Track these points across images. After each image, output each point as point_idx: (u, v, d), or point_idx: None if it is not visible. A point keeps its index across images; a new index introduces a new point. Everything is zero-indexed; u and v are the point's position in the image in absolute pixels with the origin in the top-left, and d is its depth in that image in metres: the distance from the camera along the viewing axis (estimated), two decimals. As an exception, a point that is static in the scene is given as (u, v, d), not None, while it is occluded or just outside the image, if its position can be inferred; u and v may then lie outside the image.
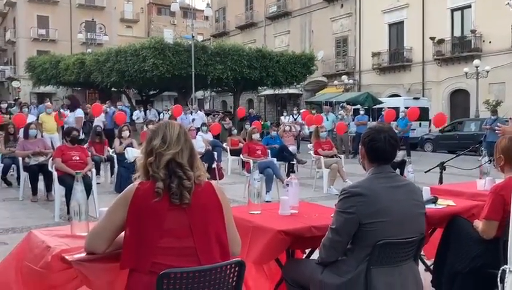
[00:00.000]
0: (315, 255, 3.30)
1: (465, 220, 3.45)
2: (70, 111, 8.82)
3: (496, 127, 4.00)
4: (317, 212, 3.25)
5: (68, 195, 6.66)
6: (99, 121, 15.75)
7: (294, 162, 10.68)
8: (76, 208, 2.66)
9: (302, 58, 27.25)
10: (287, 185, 3.35)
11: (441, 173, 4.76)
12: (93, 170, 7.25)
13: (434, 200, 3.70)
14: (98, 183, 7.91)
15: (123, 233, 2.16)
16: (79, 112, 8.82)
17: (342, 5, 33.12)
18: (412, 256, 2.62)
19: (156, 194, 2.07)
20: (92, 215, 6.72)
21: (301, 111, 19.49)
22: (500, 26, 23.33)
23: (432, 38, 26.82)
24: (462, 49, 25.80)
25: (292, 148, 12.36)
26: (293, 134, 13.68)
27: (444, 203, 3.69)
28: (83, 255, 2.24)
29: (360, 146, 2.76)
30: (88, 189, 6.75)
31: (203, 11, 43.28)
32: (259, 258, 2.87)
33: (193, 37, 23.83)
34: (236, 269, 2.15)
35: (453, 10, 26.60)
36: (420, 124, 21.32)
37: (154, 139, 2.20)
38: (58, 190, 6.80)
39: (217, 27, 45.97)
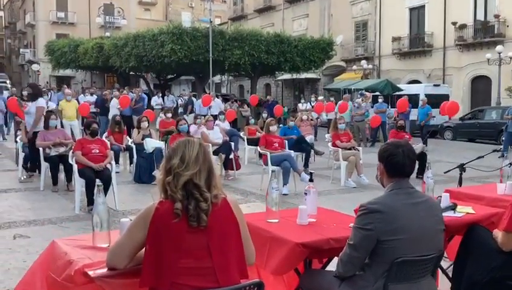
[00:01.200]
0: (332, 265, 3.32)
1: (484, 229, 3.42)
2: (32, 100, 8.82)
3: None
4: (336, 221, 3.26)
5: (88, 188, 6.77)
6: (114, 108, 15.91)
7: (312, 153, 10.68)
8: (97, 220, 2.70)
9: (321, 43, 27.06)
10: (305, 193, 3.36)
11: (461, 174, 4.72)
12: (113, 162, 7.33)
13: (453, 207, 3.67)
14: (117, 173, 8.01)
15: (143, 249, 2.20)
16: (40, 102, 8.83)
17: (362, -12, 32.62)
18: (430, 272, 2.62)
19: (174, 215, 2.10)
20: (111, 207, 6.88)
21: (319, 98, 19.38)
22: (525, 11, 22.80)
23: (454, 23, 26.32)
24: (485, 35, 25.29)
25: (310, 137, 12.32)
26: (311, 123, 13.59)
27: (463, 210, 3.66)
28: (105, 270, 2.29)
29: (378, 163, 2.76)
30: (108, 182, 6.86)
31: (221, -7, 43.22)
32: (278, 269, 2.90)
33: (211, 22, 23.76)
34: (255, 289, 2.18)
35: (476, -6, 26.03)
36: (439, 111, 21.05)
37: (173, 158, 2.21)
38: (78, 182, 6.90)
39: (235, 10, 45.66)
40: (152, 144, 9.23)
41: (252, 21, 41.21)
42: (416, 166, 9.91)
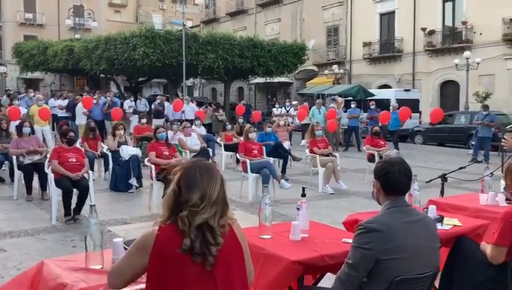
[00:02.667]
0: (324, 281, 3.32)
1: (472, 242, 3.48)
2: None
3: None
4: (328, 237, 3.25)
5: (65, 198, 6.61)
6: (80, 113, 15.63)
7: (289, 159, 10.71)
8: (90, 241, 2.62)
9: (294, 47, 27.19)
10: (298, 209, 3.34)
11: (443, 184, 4.78)
12: (90, 172, 7.17)
13: (440, 219, 3.71)
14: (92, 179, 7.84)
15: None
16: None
17: (334, -6, 32.97)
18: (426, 288, 2.64)
19: (181, 249, 2.00)
20: (86, 216, 6.72)
21: (293, 103, 19.44)
22: (491, 17, 23.43)
23: (423, 29, 26.86)
24: (453, 41, 25.89)
25: (286, 143, 12.35)
26: (287, 129, 13.63)
27: (450, 222, 3.70)
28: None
29: (373, 180, 2.76)
30: (85, 191, 6.71)
31: (192, -4, 42.96)
32: (271, 287, 2.86)
33: (184, 25, 23.59)
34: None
35: (444, 1, 26.61)
36: (411, 116, 21.38)
37: (193, 191, 2.03)
38: (55, 192, 6.72)
39: (207, 13, 45.51)
40: (128, 151, 9.07)
41: (224, 24, 41.15)
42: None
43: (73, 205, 6.70)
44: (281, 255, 2.86)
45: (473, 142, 15.99)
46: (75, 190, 6.67)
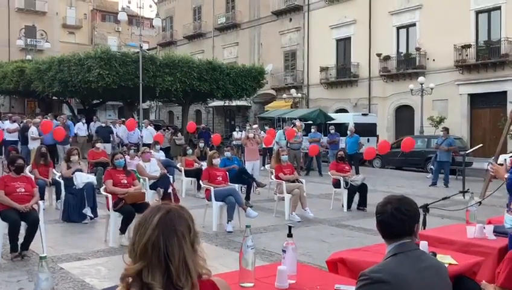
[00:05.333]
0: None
1: (473, 282, 3.17)
2: None
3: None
4: (319, 282, 2.85)
5: (12, 232, 5.95)
6: (33, 138, 14.85)
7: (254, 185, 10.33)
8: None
9: (253, 71, 27.13)
10: (283, 251, 2.93)
11: (425, 215, 4.47)
12: (40, 203, 6.53)
13: (433, 256, 3.40)
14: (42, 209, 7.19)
15: None
16: None
17: (291, 19, 33.27)
18: None
19: None
20: (35, 252, 6.09)
21: (254, 126, 19.09)
22: (443, 44, 24.10)
23: (378, 55, 27.36)
24: (407, 66, 26.45)
25: (257, 163, 11.96)
26: (257, 141, 13.16)
27: (444, 261, 3.39)
28: None
29: None
30: (35, 224, 6.08)
31: (149, 18, 42.46)
32: None
33: (141, 47, 23.03)
34: None
35: (398, 28, 27.25)
36: (368, 139, 21.52)
37: (131, 240, 1.70)
38: (0, 225, 6.04)
39: (164, 36, 45.07)
40: (82, 178, 8.44)
41: (182, 47, 40.81)
42: (357, 197, 9.97)
43: (20, 240, 6.04)
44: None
45: (431, 166, 16.11)
46: (23, 223, 6.02)
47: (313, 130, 17.82)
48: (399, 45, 27.27)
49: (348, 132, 17.23)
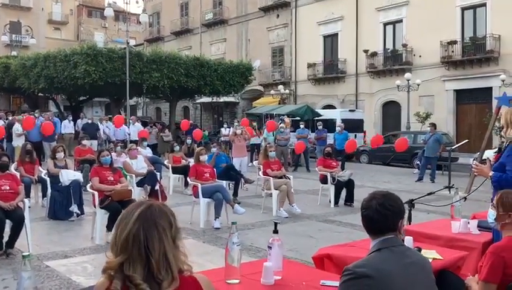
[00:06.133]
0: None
1: (457, 277, 3.20)
2: None
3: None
4: (305, 278, 2.85)
5: (-4, 231, 5.88)
6: (17, 135, 14.69)
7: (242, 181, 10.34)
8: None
9: (240, 67, 27.09)
10: (269, 247, 2.93)
11: (410, 210, 4.52)
12: (26, 200, 6.46)
13: (418, 251, 3.42)
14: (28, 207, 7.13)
15: None
16: None
17: (278, 16, 33.26)
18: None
19: None
20: (21, 250, 6.02)
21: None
22: (430, 41, 24.25)
23: (365, 51, 27.46)
24: (394, 62, 26.58)
25: (245, 159, 11.94)
26: (245, 138, 13.15)
27: (429, 255, 3.40)
28: None
29: None
30: (20, 222, 6.02)
31: (135, 14, 42.13)
32: None
33: (128, 43, 22.86)
34: None
35: (385, 24, 27.37)
36: (356, 135, 21.59)
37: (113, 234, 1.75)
38: (-17, 224, 5.96)
39: (151, 32, 44.83)
40: (69, 176, 8.37)
41: (169, 43, 40.60)
42: (344, 193, 10.02)
43: (5, 238, 5.98)
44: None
45: (418, 162, 16.22)
46: (8, 221, 5.96)
47: (301, 126, 17.84)
48: (386, 41, 27.40)
49: (338, 128, 17.24)
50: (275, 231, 2.97)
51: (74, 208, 8.12)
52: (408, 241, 3.50)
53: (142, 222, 1.67)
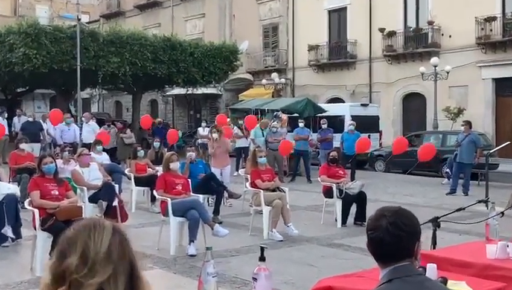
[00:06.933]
0: None
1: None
2: None
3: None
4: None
5: None
6: None
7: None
8: None
9: (223, 50, 27.18)
10: (254, 279, 2.93)
11: (435, 231, 4.54)
12: None
13: (443, 282, 3.45)
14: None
15: None
16: None
17: (271, -16, 33.44)
18: None
19: None
20: None
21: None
22: (462, 17, 24.41)
23: (381, 30, 27.57)
24: (418, 44, 26.74)
25: (227, 169, 11.91)
26: (227, 148, 13.08)
27: (456, 288, 3.45)
28: None
29: None
30: None
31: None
32: None
33: (79, 20, 22.89)
34: None
35: (406, -3, 27.56)
36: (369, 136, 21.68)
37: (69, 254, 1.71)
38: None
39: (109, 5, 44.86)
40: (2, 189, 8.34)
41: (132, 20, 40.54)
42: (354, 209, 10.05)
43: None
44: None
45: (448, 170, 16.32)
46: None
47: (300, 124, 17.87)
48: (407, 17, 27.62)
49: (351, 126, 17.19)
50: (262, 258, 2.98)
51: (8, 230, 8.07)
52: (431, 269, 3.53)
53: (119, 235, 1.75)
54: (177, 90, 33.10)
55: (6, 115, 20.07)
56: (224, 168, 11.98)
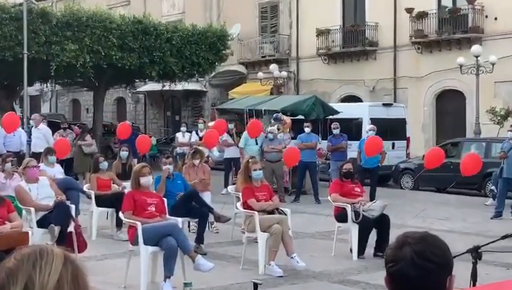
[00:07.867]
0: None
1: None
2: None
3: None
4: None
5: None
6: None
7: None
8: None
9: (209, 35, 27.28)
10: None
11: (475, 263, 4.52)
12: None
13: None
14: None
15: None
16: None
17: (270, -48, 33.60)
18: None
19: None
20: None
21: (209, 124, 19.15)
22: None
23: (409, 11, 27.63)
24: (455, 29, 26.85)
25: (207, 194, 11.89)
26: (210, 163, 13.15)
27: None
28: None
29: None
30: None
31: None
32: None
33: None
34: None
35: (440, -31, 27.73)
36: (393, 144, 21.73)
37: (9, 287, 1.70)
38: None
39: (65, -22, 44.93)
40: None
41: (94, -3, 40.67)
42: (374, 236, 10.04)
43: None
44: None
45: (493, 187, 16.34)
46: None
47: (307, 129, 17.85)
48: (441, -5, 27.75)
49: (371, 132, 17.02)
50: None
51: None
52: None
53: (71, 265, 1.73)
54: (151, 86, 33.19)
55: None
56: (205, 193, 11.89)
